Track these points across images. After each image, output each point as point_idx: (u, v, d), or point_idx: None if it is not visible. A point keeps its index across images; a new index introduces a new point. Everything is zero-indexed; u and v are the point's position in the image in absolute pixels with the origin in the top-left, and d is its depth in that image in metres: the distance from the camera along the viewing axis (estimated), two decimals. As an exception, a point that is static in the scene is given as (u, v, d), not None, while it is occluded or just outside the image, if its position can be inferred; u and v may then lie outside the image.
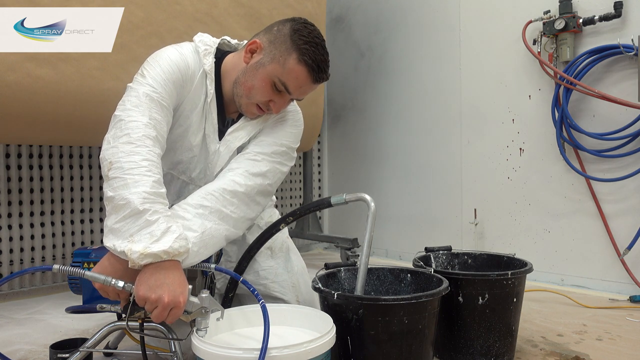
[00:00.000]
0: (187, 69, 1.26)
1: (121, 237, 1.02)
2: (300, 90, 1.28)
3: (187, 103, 1.30)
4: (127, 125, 1.11)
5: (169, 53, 1.26)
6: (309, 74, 1.24)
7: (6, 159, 2.19)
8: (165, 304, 0.98)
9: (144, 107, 1.15)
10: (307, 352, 0.96)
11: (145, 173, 1.05)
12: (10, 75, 1.59)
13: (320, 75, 1.26)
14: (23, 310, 1.96)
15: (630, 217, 2.09)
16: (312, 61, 1.23)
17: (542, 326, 1.70)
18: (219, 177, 1.31)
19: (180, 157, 1.37)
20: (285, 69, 1.23)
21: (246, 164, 1.31)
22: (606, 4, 2.10)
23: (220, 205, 1.21)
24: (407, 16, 2.93)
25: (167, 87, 1.21)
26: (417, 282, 1.38)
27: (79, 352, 1.15)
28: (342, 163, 3.41)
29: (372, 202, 1.28)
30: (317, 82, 1.27)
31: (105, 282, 1.01)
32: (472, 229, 2.60)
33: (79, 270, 1.00)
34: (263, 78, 1.25)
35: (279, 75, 1.24)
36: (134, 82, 1.21)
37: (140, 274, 1.02)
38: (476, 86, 2.60)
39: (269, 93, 1.27)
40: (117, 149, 1.07)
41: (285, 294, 1.49)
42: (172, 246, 1.02)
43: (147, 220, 1.02)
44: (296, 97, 1.31)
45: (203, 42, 1.33)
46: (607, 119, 2.13)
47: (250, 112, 1.32)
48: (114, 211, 1.04)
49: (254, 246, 1.42)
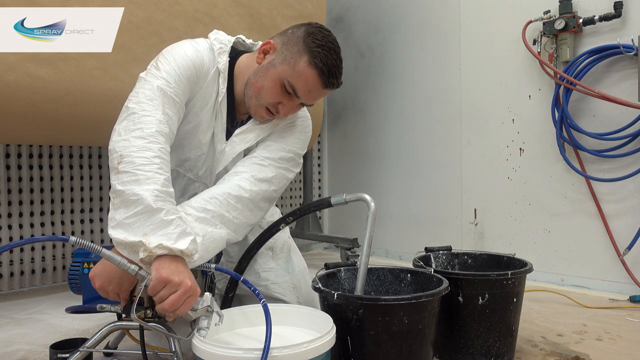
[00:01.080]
0: (202, 66, 1.25)
1: (133, 233, 1.00)
2: (309, 95, 1.25)
3: (198, 100, 1.28)
4: (140, 119, 1.09)
5: (185, 48, 1.24)
6: (318, 77, 1.22)
7: (6, 159, 2.19)
8: (187, 288, 0.97)
9: (158, 102, 1.13)
10: (307, 352, 0.96)
11: (157, 170, 1.04)
12: (10, 75, 1.59)
13: (330, 81, 1.23)
14: (23, 310, 1.96)
15: (630, 217, 2.09)
16: (323, 65, 1.21)
17: (542, 326, 1.70)
18: (225, 180, 1.29)
19: (188, 155, 1.35)
20: (295, 71, 1.21)
21: (252, 168, 1.30)
22: (606, 4, 2.10)
23: (223, 210, 1.21)
24: (407, 16, 2.93)
25: (181, 83, 1.19)
26: (417, 282, 1.38)
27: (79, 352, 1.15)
28: (342, 163, 3.41)
29: (372, 202, 1.28)
30: (328, 88, 1.25)
31: (120, 265, 0.99)
32: (472, 229, 2.60)
33: (95, 246, 0.97)
34: (273, 79, 1.24)
35: (289, 77, 1.22)
36: (147, 74, 1.19)
37: (157, 261, 0.99)
38: (476, 86, 2.60)
39: (278, 95, 1.25)
40: (129, 142, 1.06)
41: (285, 295, 1.48)
42: (188, 247, 1.02)
43: (163, 220, 1.00)
44: (305, 102, 1.29)
45: (218, 40, 1.31)
46: (607, 119, 2.13)
47: (259, 114, 1.30)
48: (123, 205, 1.01)
49: (254, 246, 1.42)
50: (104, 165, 2.49)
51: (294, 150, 1.38)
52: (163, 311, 0.99)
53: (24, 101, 1.64)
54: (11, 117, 1.67)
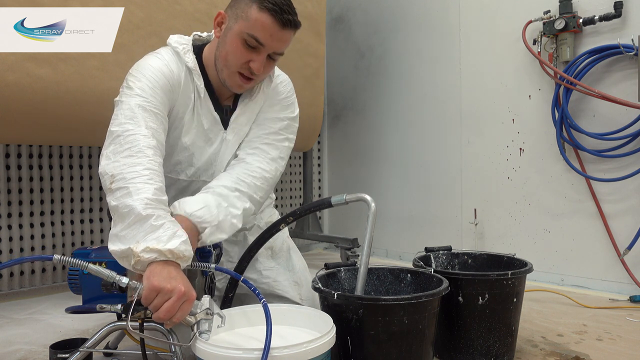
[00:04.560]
0: (172, 73, 1.28)
1: (126, 242, 1.02)
2: (271, 39, 1.24)
3: (179, 105, 1.32)
4: (126, 139, 1.12)
5: (151, 61, 1.27)
6: (273, 17, 1.22)
7: (6, 159, 2.19)
8: (181, 293, 0.96)
9: (139, 119, 1.16)
10: (307, 352, 0.95)
11: (146, 181, 1.07)
12: (10, 75, 1.59)
13: (285, 17, 1.23)
14: (23, 310, 1.96)
15: (630, 217, 2.09)
16: (273, 4, 1.21)
17: (542, 326, 1.70)
18: (239, 164, 1.36)
19: (178, 158, 1.39)
20: (249, 21, 1.22)
21: (263, 149, 1.38)
22: (606, 4, 2.10)
23: (252, 192, 1.32)
24: (407, 16, 2.93)
25: (157, 94, 1.22)
26: (417, 282, 1.38)
27: (79, 352, 1.14)
28: (342, 163, 3.41)
29: (372, 202, 1.28)
30: (286, 27, 1.24)
31: (109, 278, 1.00)
32: (472, 229, 2.60)
33: (81, 262, 0.97)
34: (233, 40, 1.25)
35: (246, 30, 1.23)
36: (121, 95, 1.22)
37: (148, 269, 1.00)
38: (476, 86, 2.60)
39: (244, 53, 1.25)
40: (119, 162, 1.09)
41: (287, 292, 1.50)
42: (178, 248, 1.02)
43: (153, 226, 1.02)
44: (274, 50, 1.27)
45: (179, 42, 1.34)
46: (607, 119, 2.13)
47: (235, 83, 1.31)
48: (119, 220, 1.04)
49: (254, 246, 1.42)
50: (104, 165, 2.48)
51: (288, 116, 1.44)
52: (159, 320, 0.98)
53: (24, 101, 1.64)
54: (11, 117, 1.67)
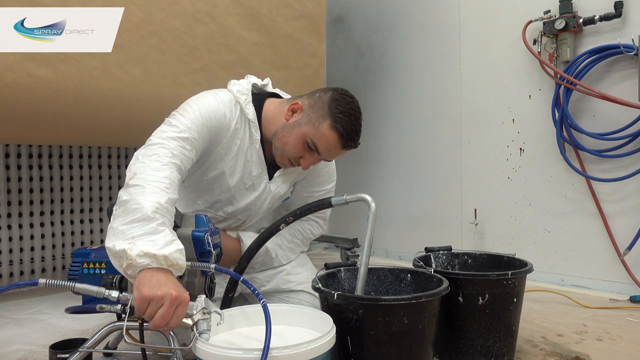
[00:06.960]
0: (224, 118, 1.38)
1: (122, 238, 1.01)
2: (329, 153, 1.40)
3: (222, 148, 1.42)
4: (158, 149, 1.19)
5: (210, 101, 1.37)
6: (338, 140, 1.36)
7: (6, 159, 2.19)
8: (173, 298, 0.96)
9: (178, 142, 1.24)
10: (307, 352, 0.95)
11: (164, 189, 1.10)
12: (10, 75, 1.58)
13: (349, 143, 1.38)
14: (23, 310, 1.96)
15: (630, 217, 2.09)
16: (344, 130, 1.35)
17: (542, 326, 1.70)
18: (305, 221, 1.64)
19: (218, 198, 1.50)
20: (318, 132, 1.36)
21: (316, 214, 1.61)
22: (606, 4, 2.10)
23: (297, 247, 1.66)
24: (407, 16, 2.93)
25: (202, 132, 1.31)
26: (417, 282, 1.38)
27: (78, 352, 1.14)
28: (342, 163, 3.39)
29: (372, 202, 1.28)
30: (346, 149, 1.40)
31: (97, 294, 1.00)
32: (472, 229, 2.60)
33: (68, 283, 0.99)
34: (297, 137, 1.38)
35: (312, 137, 1.37)
36: (172, 117, 1.31)
37: (138, 278, 0.99)
38: (476, 86, 2.60)
39: (301, 150, 1.40)
40: (145, 164, 1.14)
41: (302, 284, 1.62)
42: (172, 255, 1.01)
43: (154, 228, 1.02)
44: (325, 159, 1.43)
45: (240, 92, 1.44)
46: (607, 119, 2.13)
47: (282, 163, 1.47)
48: (122, 214, 1.04)
49: (254, 246, 1.42)
50: (103, 165, 2.49)
51: (328, 189, 1.67)
52: (156, 328, 0.98)
53: (24, 101, 1.64)
54: (11, 117, 1.67)
